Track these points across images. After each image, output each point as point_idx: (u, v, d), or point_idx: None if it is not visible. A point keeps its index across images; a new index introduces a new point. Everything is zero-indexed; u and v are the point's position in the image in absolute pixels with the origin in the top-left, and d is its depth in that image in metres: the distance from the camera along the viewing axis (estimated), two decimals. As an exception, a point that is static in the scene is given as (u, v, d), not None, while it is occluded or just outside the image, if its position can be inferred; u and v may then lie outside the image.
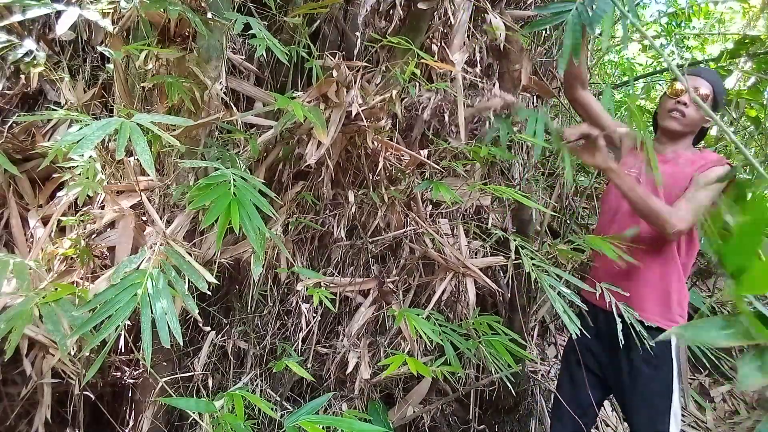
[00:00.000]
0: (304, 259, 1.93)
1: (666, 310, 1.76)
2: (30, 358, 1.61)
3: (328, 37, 2.00)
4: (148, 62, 1.64)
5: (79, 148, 1.05)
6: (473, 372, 2.28)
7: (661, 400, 1.75)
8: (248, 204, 1.18)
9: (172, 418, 1.84)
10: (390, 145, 1.83)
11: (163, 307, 1.11)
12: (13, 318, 1.18)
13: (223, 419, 1.30)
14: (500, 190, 1.82)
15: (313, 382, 1.96)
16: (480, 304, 2.26)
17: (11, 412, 1.74)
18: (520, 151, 2.58)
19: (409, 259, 2.03)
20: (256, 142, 1.66)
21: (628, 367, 1.79)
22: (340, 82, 1.66)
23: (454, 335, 1.79)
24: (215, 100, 1.63)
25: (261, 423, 1.79)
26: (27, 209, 1.84)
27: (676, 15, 5.23)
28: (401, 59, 1.89)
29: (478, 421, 2.38)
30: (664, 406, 1.75)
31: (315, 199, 1.86)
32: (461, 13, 2.02)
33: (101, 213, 1.66)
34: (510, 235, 1.77)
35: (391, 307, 1.94)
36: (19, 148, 1.84)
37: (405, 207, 1.96)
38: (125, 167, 1.68)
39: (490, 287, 1.96)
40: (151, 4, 1.44)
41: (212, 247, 1.66)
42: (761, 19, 5.28)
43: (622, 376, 1.81)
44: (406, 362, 1.60)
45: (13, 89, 1.97)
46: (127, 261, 1.30)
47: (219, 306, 1.91)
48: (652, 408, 1.77)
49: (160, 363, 1.70)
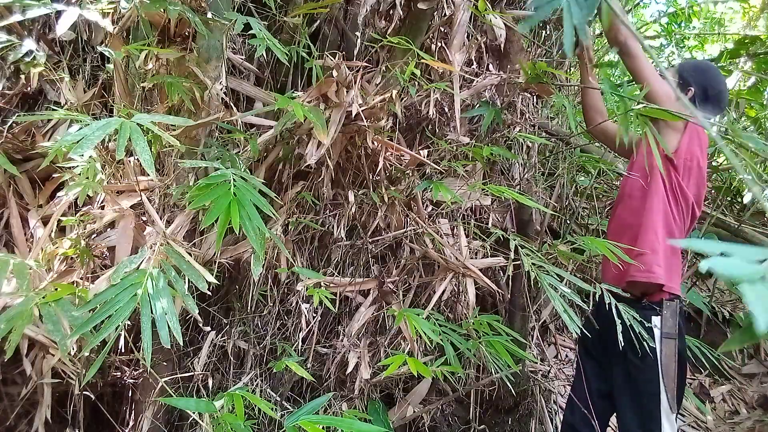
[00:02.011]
0: (304, 259, 1.93)
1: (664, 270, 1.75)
2: (30, 358, 1.61)
3: (328, 37, 2.00)
4: (148, 62, 1.64)
5: (79, 148, 1.05)
6: (473, 372, 2.28)
7: (650, 400, 1.74)
8: (248, 204, 1.18)
9: (172, 418, 1.84)
10: (390, 145, 1.83)
11: (163, 307, 1.11)
12: (13, 318, 1.18)
13: (223, 419, 1.30)
14: (500, 190, 1.82)
15: (313, 382, 1.96)
16: (480, 304, 2.26)
17: (11, 412, 1.74)
18: (520, 151, 2.58)
19: (409, 259, 2.03)
20: (256, 142, 1.66)
21: (617, 357, 1.79)
22: (340, 82, 1.66)
23: (454, 335, 1.79)
24: (215, 100, 1.63)
25: (261, 423, 1.78)
26: (27, 209, 1.84)
27: (676, 15, 5.23)
28: (401, 59, 1.89)
29: (478, 421, 2.38)
30: (653, 405, 1.74)
31: (315, 199, 1.86)
32: (461, 13, 2.03)
33: (101, 213, 1.66)
34: (510, 235, 1.77)
35: (391, 307, 1.94)
36: (19, 148, 1.84)
37: (405, 207, 1.96)
38: (125, 167, 1.68)
39: (490, 287, 1.96)
40: (151, 4, 1.45)
41: (212, 247, 1.66)
42: (761, 19, 5.29)
43: (616, 367, 1.83)
44: (406, 362, 1.60)
45: (13, 89, 1.97)
46: (127, 261, 1.30)
47: (219, 306, 1.90)
48: (642, 407, 1.77)
49: (160, 363, 1.70)
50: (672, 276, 1.77)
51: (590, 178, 3.69)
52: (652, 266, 1.74)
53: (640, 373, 1.76)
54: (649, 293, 1.79)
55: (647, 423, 1.75)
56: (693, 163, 1.78)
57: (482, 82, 2.00)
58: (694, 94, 1.83)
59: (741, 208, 4.14)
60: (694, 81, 1.84)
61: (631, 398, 1.79)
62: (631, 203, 1.87)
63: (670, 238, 1.77)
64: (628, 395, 1.80)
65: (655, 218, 1.77)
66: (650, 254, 1.74)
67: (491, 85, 2.02)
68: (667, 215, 1.78)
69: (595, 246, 1.67)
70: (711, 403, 3.40)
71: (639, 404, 1.77)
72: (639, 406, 1.77)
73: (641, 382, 1.76)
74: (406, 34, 1.90)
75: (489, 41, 2.17)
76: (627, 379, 1.80)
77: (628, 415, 1.80)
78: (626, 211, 1.88)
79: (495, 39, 2.10)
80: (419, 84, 1.95)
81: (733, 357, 3.68)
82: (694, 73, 1.87)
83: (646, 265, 1.74)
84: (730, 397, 3.47)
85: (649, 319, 1.74)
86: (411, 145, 2.11)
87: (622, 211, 1.91)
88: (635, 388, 1.79)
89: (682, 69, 1.91)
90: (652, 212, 1.78)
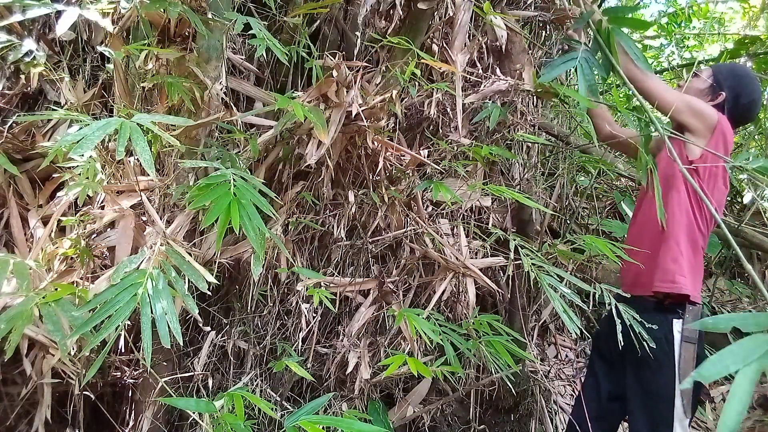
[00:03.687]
0: (304, 259, 1.93)
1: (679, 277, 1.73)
2: (30, 358, 1.61)
3: (328, 37, 2.00)
4: (148, 62, 1.64)
5: (79, 148, 1.05)
6: (473, 372, 2.28)
7: (664, 404, 1.71)
8: (248, 204, 1.18)
9: (172, 418, 1.84)
10: (390, 145, 1.83)
11: (163, 307, 1.11)
12: (13, 318, 1.18)
13: (223, 419, 1.30)
14: (500, 190, 1.82)
15: (313, 382, 1.96)
16: (480, 304, 2.25)
17: (11, 412, 1.74)
18: (520, 151, 2.58)
19: (409, 259, 2.03)
20: (256, 142, 1.66)
21: (632, 360, 1.76)
22: (340, 82, 1.65)
23: (454, 335, 1.79)
24: (215, 100, 1.63)
25: (261, 423, 1.78)
26: (27, 209, 1.84)
27: (676, 15, 5.23)
28: (401, 59, 1.89)
29: (478, 421, 2.38)
30: (666, 410, 1.70)
31: (315, 199, 1.86)
32: (462, 13, 2.02)
33: (101, 213, 1.66)
34: (510, 235, 1.77)
35: (391, 307, 1.94)
36: (19, 148, 1.84)
37: (405, 207, 1.96)
38: (125, 167, 1.68)
39: (490, 287, 1.96)
40: (151, 4, 1.44)
41: (212, 247, 1.66)
42: (761, 19, 5.29)
43: (627, 369, 1.81)
44: (406, 362, 1.60)
45: (13, 89, 1.97)
46: (127, 261, 1.30)
47: (219, 306, 1.90)
48: (655, 411, 1.74)
49: (160, 363, 1.70)
50: (696, 284, 1.76)
51: (590, 178, 3.69)
52: (675, 276, 1.72)
53: (655, 377, 1.73)
54: (672, 296, 1.76)
55: (660, 426, 1.72)
56: (718, 168, 1.74)
57: (490, 87, 1.99)
58: (725, 99, 1.79)
59: (741, 208, 4.14)
60: (728, 86, 1.79)
61: (644, 401, 1.77)
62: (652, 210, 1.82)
63: (693, 244, 1.76)
64: (641, 398, 1.78)
65: (677, 227, 1.75)
66: (672, 264, 1.73)
67: (496, 91, 2.01)
68: (690, 223, 1.76)
69: (595, 246, 1.67)
70: (711, 403, 3.39)
71: (652, 408, 1.75)
72: (652, 409, 1.74)
73: (656, 385, 1.73)
74: (406, 34, 1.90)
75: (490, 42, 2.17)
76: (641, 382, 1.77)
77: (640, 418, 1.77)
78: (646, 217, 1.85)
79: (496, 40, 2.10)
80: (420, 84, 1.95)
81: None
82: (730, 77, 1.81)
83: (670, 275, 1.73)
84: (730, 397, 3.47)
85: (670, 322, 1.72)
86: (411, 145, 2.11)
87: (642, 216, 1.89)
88: (649, 392, 1.75)
89: (718, 71, 1.85)
90: (674, 221, 1.75)
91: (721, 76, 1.82)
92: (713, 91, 1.82)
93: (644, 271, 1.75)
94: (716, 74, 1.84)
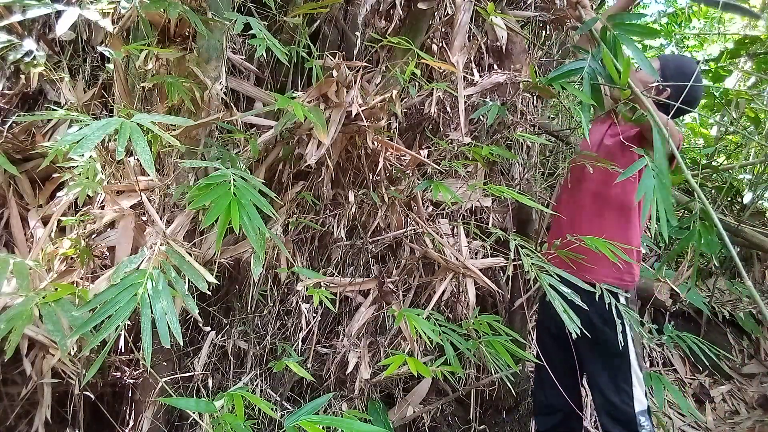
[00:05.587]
0: (304, 259, 1.93)
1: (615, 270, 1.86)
2: (30, 358, 1.61)
3: (328, 37, 2.00)
4: (148, 62, 1.64)
5: (79, 148, 1.05)
6: (473, 372, 2.29)
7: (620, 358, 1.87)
8: (248, 204, 1.18)
9: (172, 418, 1.84)
10: (390, 145, 1.83)
11: (163, 307, 1.11)
12: (13, 318, 1.18)
13: (223, 419, 1.30)
14: (500, 190, 1.82)
15: (313, 382, 1.96)
16: (480, 304, 2.26)
17: (11, 412, 1.74)
18: (520, 151, 2.58)
19: (409, 260, 2.03)
20: (256, 142, 1.66)
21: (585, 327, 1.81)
22: (340, 82, 1.65)
23: (454, 335, 1.79)
24: (215, 100, 1.63)
25: (261, 423, 1.79)
26: (27, 209, 1.84)
27: (676, 15, 5.23)
28: (401, 59, 1.89)
29: (478, 421, 2.38)
30: (624, 364, 1.86)
31: (315, 199, 1.86)
32: (462, 13, 2.02)
33: (101, 213, 1.66)
34: (510, 235, 1.77)
35: (391, 307, 1.94)
36: (19, 148, 1.84)
37: (405, 207, 1.96)
38: (125, 167, 1.68)
39: (490, 287, 1.96)
40: (151, 4, 1.44)
41: (212, 247, 1.66)
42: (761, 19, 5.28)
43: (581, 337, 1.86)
44: (406, 362, 1.60)
45: (13, 89, 1.97)
46: (127, 261, 1.30)
47: (219, 306, 1.90)
48: (612, 365, 1.88)
49: (160, 363, 1.70)
50: (635, 270, 1.92)
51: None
52: (622, 274, 1.89)
53: (608, 337, 1.84)
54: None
55: (618, 377, 1.87)
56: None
57: (488, 80, 2.01)
58: (669, 95, 1.81)
59: (741, 208, 4.14)
60: (673, 84, 1.80)
61: (601, 359, 1.91)
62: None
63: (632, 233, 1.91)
64: (597, 357, 1.92)
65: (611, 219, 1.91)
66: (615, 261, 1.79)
67: (495, 84, 2.01)
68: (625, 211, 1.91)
69: (595, 245, 1.67)
70: (711, 403, 3.40)
71: (609, 363, 1.89)
72: (609, 365, 1.89)
73: (610, 344, 1.85)
74: (406, 34, 1.90)
75: (490, 42, 2.17)
76: (595, 343, 1.88)
77: (600, 374, 1.91)
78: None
79: (496, 40, 2.10)
80: (419, 84, 1.95)
81: (733, 357, 3.68)
82: (676, 75, 1.81)
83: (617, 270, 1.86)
84: (730, 397, 3.47)
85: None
86: (411, 145, 2.11)
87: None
88: (605, 350, 1.89)
89: (666, 66, 1.85)
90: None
91: (669, 72, 1.82)
92: (659, 89, 1.81)
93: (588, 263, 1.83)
94: (664, 69, 1.83)
